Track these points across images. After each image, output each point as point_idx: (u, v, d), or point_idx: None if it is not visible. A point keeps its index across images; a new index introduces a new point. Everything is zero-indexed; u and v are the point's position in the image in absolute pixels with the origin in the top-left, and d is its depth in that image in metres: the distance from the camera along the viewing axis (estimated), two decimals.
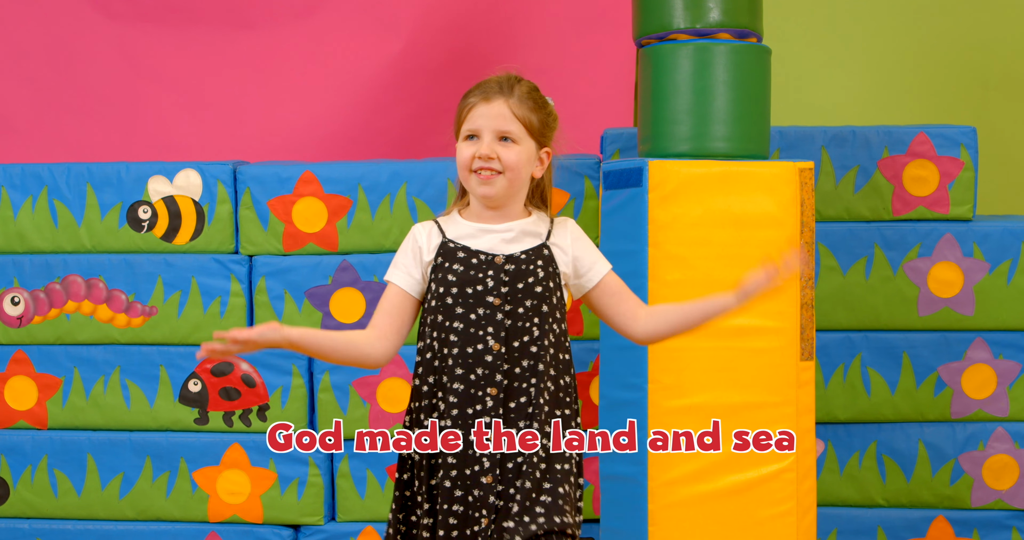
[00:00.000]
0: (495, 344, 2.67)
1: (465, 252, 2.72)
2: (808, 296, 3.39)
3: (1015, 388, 3.88)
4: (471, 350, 2.67)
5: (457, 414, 2.67)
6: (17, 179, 3.95)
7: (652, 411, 3.33)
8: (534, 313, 2.68)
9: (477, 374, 2.67)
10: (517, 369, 2.67)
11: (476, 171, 2.70)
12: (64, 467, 3.91)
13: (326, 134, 4.61)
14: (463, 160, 2.72)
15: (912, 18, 4.98)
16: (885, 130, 3.92)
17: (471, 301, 2.69)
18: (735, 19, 3.46)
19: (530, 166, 2.74)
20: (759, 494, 3.33)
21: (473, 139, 2.72)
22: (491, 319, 2.67)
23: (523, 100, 2.73)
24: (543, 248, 2.72)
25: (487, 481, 2.66)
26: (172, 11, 4.66)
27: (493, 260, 2.70)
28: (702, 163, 3.38)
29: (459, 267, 2.71)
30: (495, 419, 2.66)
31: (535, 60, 4.65)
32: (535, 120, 2.73)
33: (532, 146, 2.74)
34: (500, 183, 2.70)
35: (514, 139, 2.71)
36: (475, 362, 2.67)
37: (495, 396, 2.66)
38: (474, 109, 2.73)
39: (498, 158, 2.69)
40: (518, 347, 2.67)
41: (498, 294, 2.68)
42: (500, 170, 2.69)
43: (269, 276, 3.89)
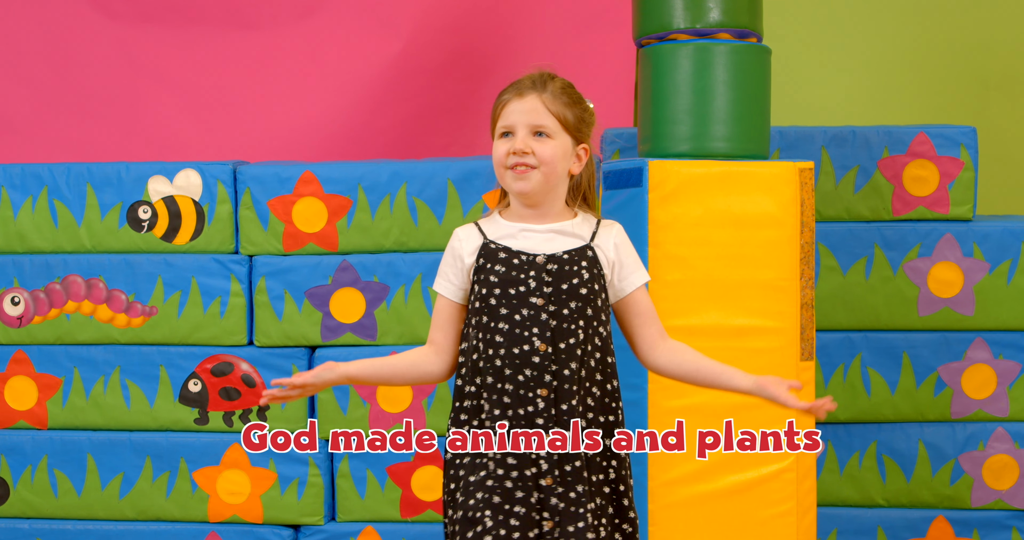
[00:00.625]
0: (542, 345, 2.63)
1: (506, 253, 2.67)
2: (808, 296, 3.39)
3: (1015, 388, 3.88)
4: (518, 351, 2.63)
5: (511, 415, 2.64)
6: (17, 179, 3.95)
7: (652, 411, 3.33)
8: (579, 315, 2.65)
9: (526, 375, 2.63)
10: (566, 371, 2.63)
11: (511, 167, 2.67)
12: (64, 467, 3.91)
13: (326, 134, 4.61)
14: (498, 157, 2.69)
15: (912, 18, 4.98)
16: (885, 130, 3.92)
17: (515, 302, 2.64)
18: (735, 19, 3.46)
19: (566, 161, 2.70)
20: (759, 494, 3.33)
21: (508, 136, 2.68)
22: (536, 319, 2.63)
23: (557, 95, 2.70)
24: (587, 249, 2.68)
25: (547, 483, 2.64)
26: (172, 11, 4.66)
27: (535, 260, 2.66)
28: (702, 163, 3.38)
29: (501, 268, 2.67)
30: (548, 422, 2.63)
31: (535, 60, 4.62)
32: (570, 116, 2.70)
33: (568, 141, 2.70)
34: (535, 178, 2.66)
35: (548, 134, 2.67)
36: (523, 363, 2.63)
37: (546, 397, 2.62)
38: (508, 105, 2.70)
39: (533, 153, 2.66)
40: (565, 349, 2.64)
41: (541, 294, 2.64)
42: (535, 165, 2.66)
43: (269, 276, 3.89)
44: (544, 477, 2.63)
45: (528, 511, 2.62)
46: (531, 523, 2.62)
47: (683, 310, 3.33)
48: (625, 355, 3.39)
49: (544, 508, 2.63)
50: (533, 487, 2.63)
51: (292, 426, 3.87)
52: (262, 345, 3.90)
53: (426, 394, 3.85)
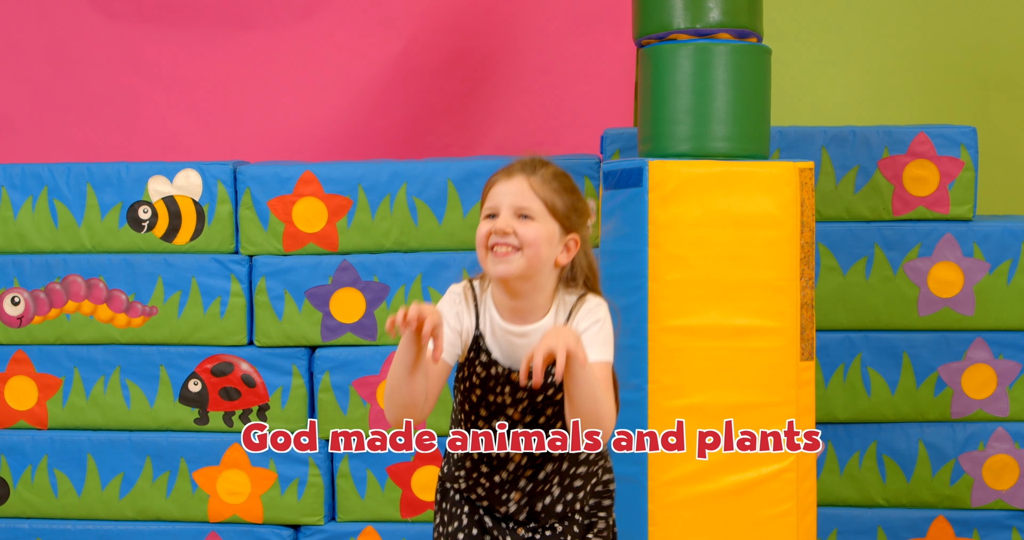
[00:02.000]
0: (516, 455, 2.62)
1: (487, 358, 2.59)
2: (808, 296, 3.39)
3: (1015, 388, 3.88)
4: (494, 454, 2.63)
5: (488, 506, 2.66)
6: (17, 179, 3.95)
7: (652, 411, 3.33)
8: (556, 418, 2.60)
9: (502, 477, 2.63)
10: (541, 474, 2.63)
11: (492, 248, 2.53)
12: (64, 467, 3.91)
13: (326, 134, 4.61)
14: (480, 237, 2.55)
15: (912, 18, 4.98)
16: (885, 130, 3.92)
17: (493, 409, 2.61)
18: (735, 19, 3.45)
19: (552, 249, 2.55)
20: (759, 494, 3.33)
21: (492, 217, 2.56)
22: (510, 430, 2.61)
23: (547, 181, 2.55)
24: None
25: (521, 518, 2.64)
26: (172, 11, 4.67)
27: (509, 375, 2.58)
28: (702, 163, 3.38)
29: (483, 372, 2.59)
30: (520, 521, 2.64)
31: (535, 60, 4.66)
32: (559, 202, 2.55)
33: (554, 227, 2.55)
34: (517, 261, 2.52)
35: (532, 216, 2.54)
36: (499, 466, 2.63)
37: (518, 500, 2.63)
38: (495, 186, 2.58)
39: (515, 232, 2.52)
40: (540, 454, 2.62)
41: (516, 409, 2.60)
42: (518, 246, 2.52)
43: (269, 276, 3.89)
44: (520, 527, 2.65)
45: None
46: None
47: (683, 310, 3.32)
48: (625, 355, 3.39)
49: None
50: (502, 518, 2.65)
51: (292, 426, 3.87)
52: (262, 345, 3.90)
53: None
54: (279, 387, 3.88)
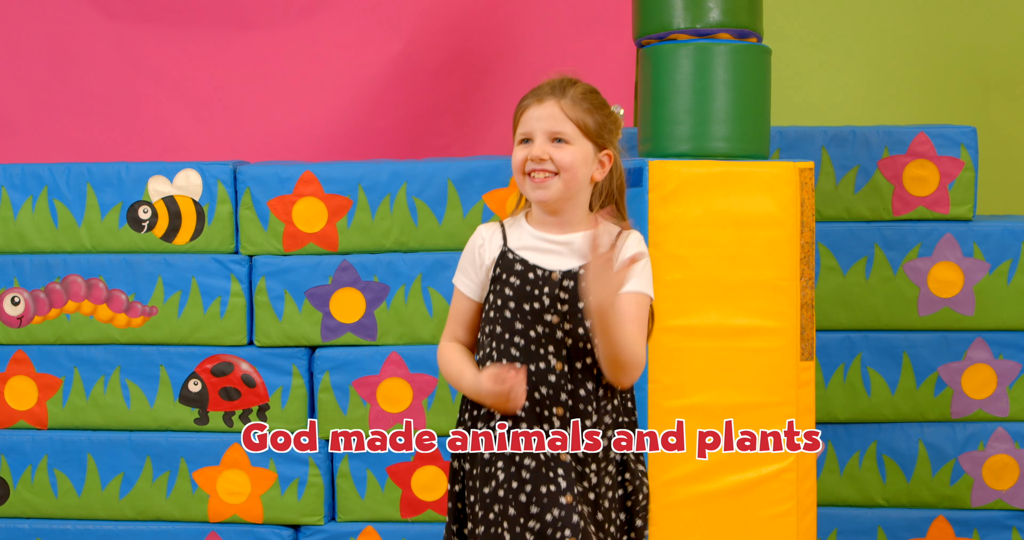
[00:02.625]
0: (558, 363, 2.60)
1: (523, 265, 2.63)
2: (808, 296, 3.39)
3: (1015, 388, 3.88)
4: (534, 368, 2.61)
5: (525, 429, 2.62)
6: (17, 179, 3.95)
7: (652, 411, 3.33)
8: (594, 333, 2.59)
9: (542, 393, 2.61)
10: (582, 390, 2.61)
11: (529, 174, 2.62)
12: (64, 467, 3.91)
13: (326, 134, 4.61)
14: (517, 164, 2.64)
15: (912, 18, 4.98)
16: (885, 130, 3.92)
17: (530, 318, 2.61)
18: (735, 19, 3.46)
19: (587, 168, 2.65)
20: (759, 494, 3.33)
21: (527, 142, 2.64)
22: (551, 338, 2.60)
23: (577, 101, 2.64)
24: None
25: (566, 501, 2.61)
26: (172, 11, 4.66)
27: (550, 276, 2.61)
28: (702, 163, 3.38)
29: (516, 281, 2.63)
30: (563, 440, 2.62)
31: (535, 60, 4.66)
32: (590, 121, 2.64)
33: (588, 147, 2.64)
34: (555, 185, 2.62)
35: (567, 140, 2.62)
36: (539, 381, 2.61)
37: (562, 416, 2.61)
38: (527, 112, 2.65)
39: (551, 159, 2.61)
40: (581, 368, 2.61)
41: (556, 312, 2.60)
42: (555, 171, 2.61)
43: (269, 276, 3.89)
44: (563, 495, 2.61)
45: (543, 528, 2.59)
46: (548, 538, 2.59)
47: (683, 310, 3.33)
48: None
49: (566, 525, 2.59)
50: (551, 504, 2.60)
51: (292, 426, 3.87)
52: (262, 345, 3.90)
53: (426, 394, 3.85)
54: (279, 387, 3.88)
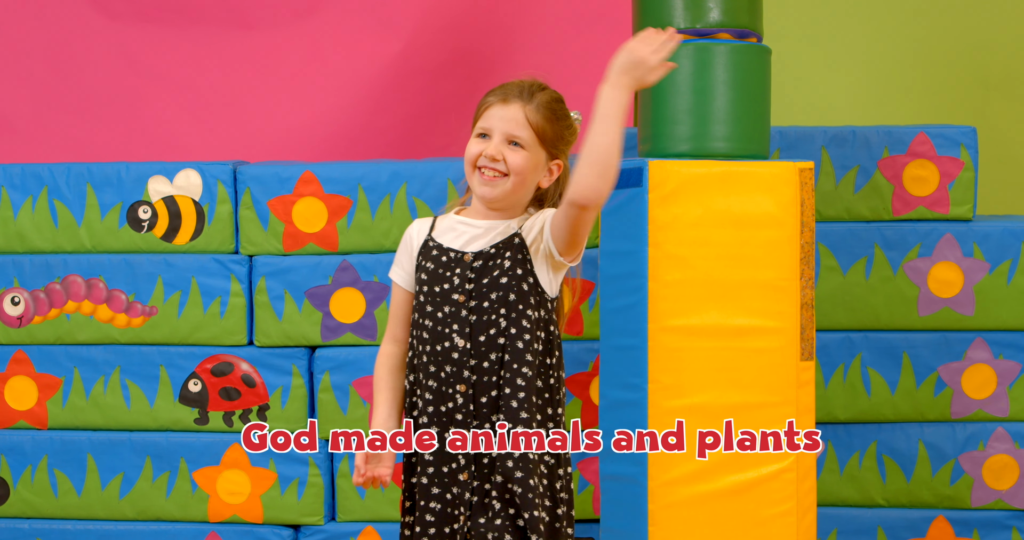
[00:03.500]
0: (460, 341, 2.68)
1: (439, 250, 2.74)
2: (808, 296, 3.39)
3: (1015, 388, 3.88)
4: (439, 348, 2.70)
5: (432, 412, 2.71)
6: (17, 179, 3.95)
7: (652, 411, 3.32)
8: (500, 304, 2.68)
9: (447, 371, 2.69)
10: (485, 363, 2.68)
11: (480, 168, 2.73)
12: (64, 467, 3.91)
13: (326, 134, 4.61)
14: (470, 155, 2.75)
15: (912, 18, 4.98)
16: (885, 130, 3.92)
17: (438, 299, 2.71)
18: (735, 19, 3.45)
19: (536, 174, 2.75)
20: (759, 494, 3.33)
21: (484, 138, 2.74)
22: (456, 316, 2.69)
23: (540, 109, 2.73)
24: (514, 237, 2.72)
25: (463, 478, 2.67)
26: (172, 11, 4.66)
27: (462, 258, 2.71)
28: (702, 163, 3.38)
29: (431, 265, 2.74)
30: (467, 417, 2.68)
31: (535, 60, 4.65)
32: (549, 131, 2.73)
33: (541, 155, 2.74)
34: (502, 186, 2.72)
35: (522, 145, 2.71)
36: (444, 360, 2.69)
37: (464, 392, 2.68)
38: (490, 108, 2.75)
39: (504, 160, 2.70)
40: (484, 341, 2.68)
41: (463, 291, 2.69)
42: (505, 172, 2.71)
43: (269, 276, 3.89)
44: (461, 472, 2.69)
45: (444, 507, 2.66)
46: (447, 518, 2.69)
47: (683, 310, 3.32)
48: (625, 355, 3.39)
49: (460, 503, 2.68)
50: (451, 483, 2.69)
51: (292, 426, 3.87)
52: (262, 345, 3.90)
53: None
54: (279, 387, 3.88)
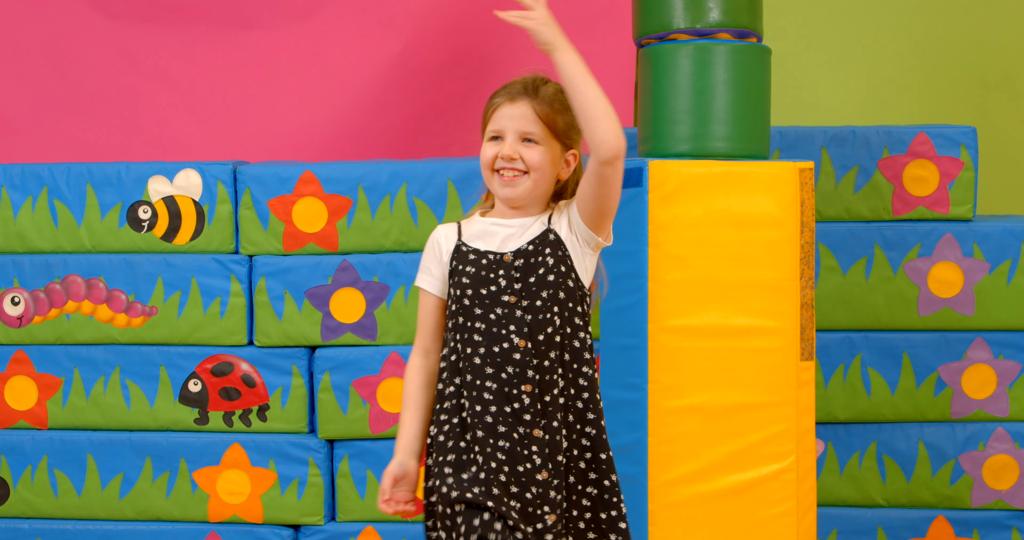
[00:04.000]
0: (520, 341, 2.66)
1: (475, 254, 2.72)
2: (808, 296, 3.39)
3: (1015, 388, 3.88)
4: (498, 349, 2.66)
5: (496, 411, 2.66)
6: (17, 179, 3.95)
7: (652, 411, 3.33)
8: (552, 302, 2.68)
9: (509, 372, 2.66)
10: (546, 362, 2.67)
11: (498, 171, 2.72)
12: (64, 467, 3.91)
13: (326, 134, 4.61)
14: (486, 160, 2.73)
15: (912, 18, 4.98)
16: (885, 130, 3.92)
17: (487, 302, 2.69)
18: (735, 19, 3.45)
19: (555, 167, 2.74)
20: (759, 494, 3.33)
21: (497, 140, 2.73)
22: (511, 317, 2.67)
23: (548, 101, 2.73)
24: (547, 233, 2.71)
25: (543, 477, 2.66)
26: (172, 11, 4.66)
27: (502, 258, 2.70)
28: (702, 163, 3.38)
29: (472, 269, 2.71)
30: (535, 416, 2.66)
31: (535, 60, 4.64)
32: (560, 122, 2.72)
33: (556, 147, 2.73)
34: (524, 184, 2.71)
35: (536, 140, 2.71)
36: (504, 361, 2.66)
37: (530, 392, 2.66)
38: (499, 110, 2.74)
39: (521, 158, 2.70)
40: (544, 340, 2.67)
41: (512, 292, 2.68)
42: (524, 170, 2.70)
43: (269, 276, 3.89)
44: (539, 472, 2.65)
45: (525, 506, 2.63)
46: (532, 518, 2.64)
47: (683, 310, 3.32)
48: (625, 355, 3.39)
49: (544, 502, 2.64)
50: (529, 482, 2.65)
51: (292, 426, 3.88)
52: (262, 345, 3.90)
53: None
54: (279, 387, 3.88)
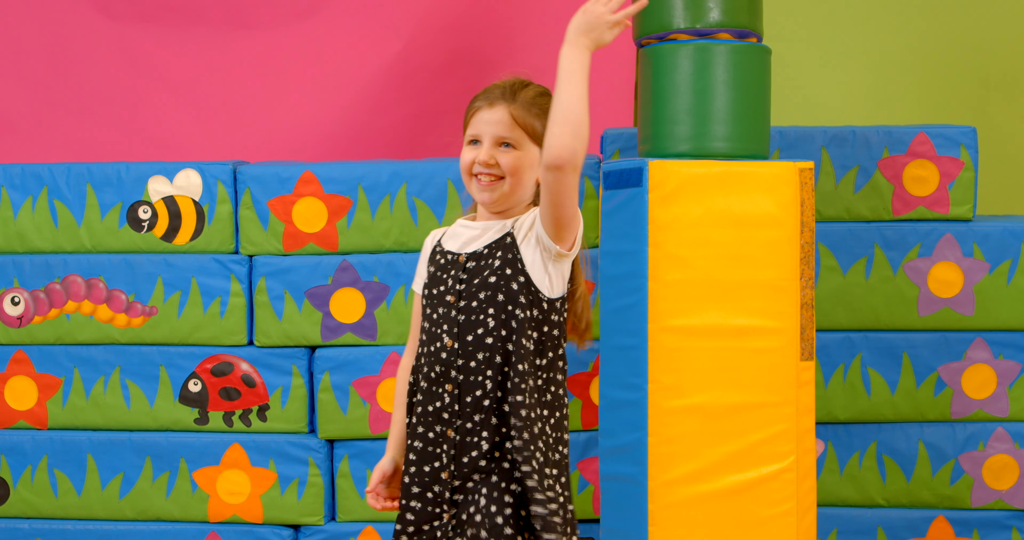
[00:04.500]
0: (449, 341, 2.70)
1: (441, 255, 2.78)
2: (808, 296, 3.39)
3: (1015, 388, 3.88)
4: (432, 348, 2.72)
5: (421, 412, 2.73)
6: (17, 179, 3.95)
7: (652, 411, 3.33)
8: (489, 304, 2.69)
9: (436, 371, 2.71)
10: (472, 363, 2.69)
11: (476, 176, 2.75)
12: (64, 467, 3.91)
13: (326, 134, 4.61)
14: (464, 164, 2.78)
15: (912, 18, 4.98)
16: (885, 130, 3.92)
17: (435, 302, 2.75)
18: (735, 19, 3.45)
19: (533, 172, 2.77)
20: (759, 494, 3.33)
21: (475, 144, 2.76)
22: (447, 317, 2.71)
23: (527, 106, 2.75)
24: (505, 237, 2.74)
25: (445, 476, 2.68)
26: (173, 11, 4.67)
27: (457, 259, 2.74)
28: (702, 163, 3.38)
29: (432, 269, 2.78)
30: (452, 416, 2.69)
31: (535, 60, 4.64)
32: (539, 126, 2.75)
33: (535, 151, 2.75)
34: (500, 188, 2.74)
35: (514, 145, 2.74)
36: (435, 360, 2.71)
37: (451, 392, 2.69)
38: (477, 114, 2.78)
39: (498, 163, 2.73)
40: (472, 341, 2.69)
41: (454, 292, 2.71)
42: (501, 175, 2.73)
43: (269, 276, 3.89)
44: (443, 471, 2.70)
45: (424, 505, 2.68)
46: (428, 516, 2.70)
47: (683, 310, 3.32)
48: (625, 356, 3.39)
49: (443, 501, 2.70)
50: (432, 482, 2.70)
51: (292, 426, 3.88)
52: (262, 345, 3.90)
53: None
54: (279, 387, 3.88)
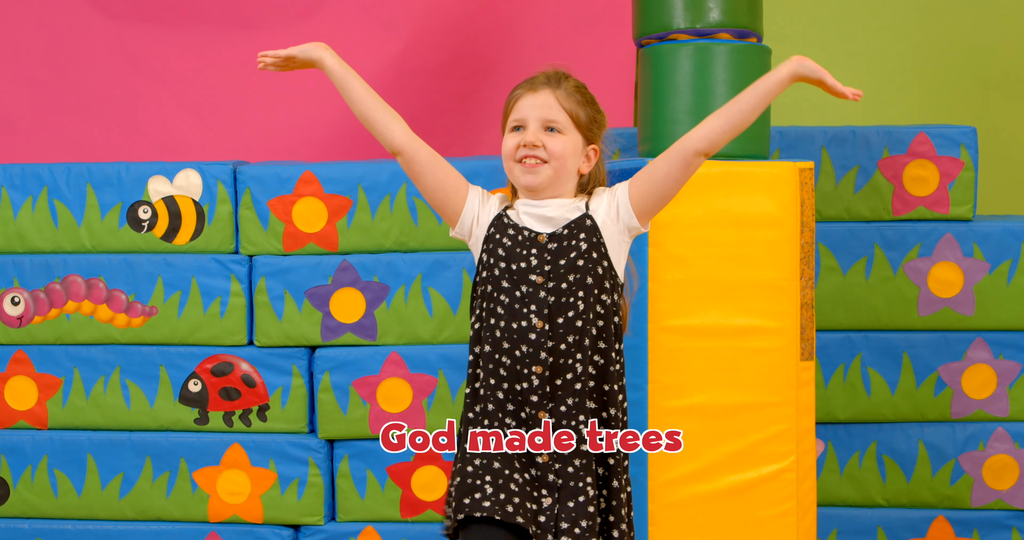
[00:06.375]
0: (538, 322, 2.66)
1: (514, 229, 2.71)
2: (808, 296, 3.39)
3: (1015, 388, 3.88)
4: (515, 326, 2.67)
5: (507, 389, 2.67)
6: (17, 179, 3.95)
7: (652, 411, 3.33)
8: (578, 287, 2.67)
9: (522, 351, 2.66)
10: (562, 345, 2.66)
11: (520, 160, 2.70)
12: (64, 467, 3.91)
13: (326, 134, 4.61)
14: (508, 150, 2.72)
15: (912, 18, 4.98)
16: (885, 130, 3.92)
17: (515, 278, 2.68)
18: (735, 19, 3.46)
19: (576, 159, 2.74)
20: (759, 494, 3.33)
21: (519, 130, 2.72)
22: (534, 297, 2.66)
23: (571, 93, 2.74)
24: (585, 219, 2.70)
25: (543, 460, 2.66)
26: (172, 11, 4.67)
27: (536, 238, 2.69)
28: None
29: (508, 242, 2.70)
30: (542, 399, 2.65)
31: (535, 60, 4.63)
32: (582, 114, 2.73)
33: (579, 139, 2.74)
34: (544, 172, 2.70)
35: (559, 129, 2.71)
36: (519, 339, 2.66)
37: (540, 374, 2.66)
38: (520, 100, 2.74)
39: (543, 146, 2.69)
40: (562, 323, 2.66)
41: (541, 272, 2.67)
42: (545, 159, 2.69)
43: (269, 276, 3.89)
44: (539, 455, 2.66)
45: (524, 484, 2.63)
46: (528, 497, 2.64)
47: (683, 310, 3.33)
48: (625, 355, 3.39)
49: (541, 484, 2.65)
50: (529, 463, 2.66)
51: (292, 426, 3.88)
52: (262, 345, 3.90)
53: (426, 394, 3.85)
54: (279, 387, 3.88)
